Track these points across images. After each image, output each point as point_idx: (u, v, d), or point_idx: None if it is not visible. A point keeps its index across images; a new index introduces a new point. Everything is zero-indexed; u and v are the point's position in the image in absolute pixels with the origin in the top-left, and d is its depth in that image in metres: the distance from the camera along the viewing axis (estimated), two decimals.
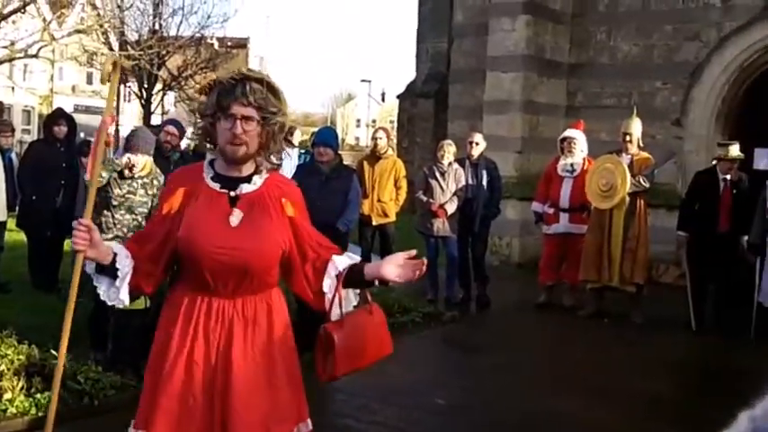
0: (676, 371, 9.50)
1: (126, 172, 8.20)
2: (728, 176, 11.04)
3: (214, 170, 3.71)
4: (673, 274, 14.23)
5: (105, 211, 8.21)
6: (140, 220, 8.30)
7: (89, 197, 3.82)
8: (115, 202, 8.19)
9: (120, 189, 8.18)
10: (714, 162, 11.41)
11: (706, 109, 15.48)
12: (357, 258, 3.85)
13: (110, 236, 8.23)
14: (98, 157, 3.96)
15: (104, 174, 8.13)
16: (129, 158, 8.14)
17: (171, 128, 9.71)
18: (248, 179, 3.69)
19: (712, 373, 9.53)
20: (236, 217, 3.61)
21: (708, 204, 11.06)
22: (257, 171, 3.70)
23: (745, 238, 10.71)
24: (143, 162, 8.23)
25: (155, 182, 8.33)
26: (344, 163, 10.11)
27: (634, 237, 11.39)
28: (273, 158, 3.71)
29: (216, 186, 3.66)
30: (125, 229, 8.26)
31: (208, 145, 3.77)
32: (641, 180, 11.31)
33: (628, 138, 11.58)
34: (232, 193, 3.65)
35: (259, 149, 3.63)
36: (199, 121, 3.78)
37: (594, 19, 16.83)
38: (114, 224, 8.23)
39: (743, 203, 10.89)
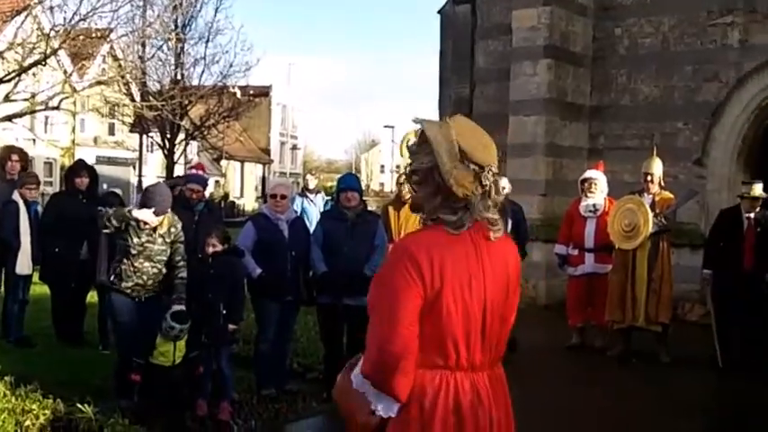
0: (704, 410, 9.42)
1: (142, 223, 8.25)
2: (752, 215, 11.03)
3: None
4: (698, 313, 14.16)
5: (125, 260, 8.27)
6: (160, 267, 8.37)
7: None
8: (134, 251, 8.25)
9: (139, 238, 8.23)
10: (738, 200, 11.38)
11: (727, 148, 15.46)
12: None
13: (130, 283, 8.30)
14: None
15: (115, 222, 8.20)
16: (144, 220, 8.21)
17: (194, 186, 9.77)
18: None
19: (740, 413, 9.47)
20: None
21: (732, 242, 11.05)
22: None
23: None
24: (161, 220, 8.29)
25: (172, 230, 8.40)
26: (369, 209, 10.12)
27: (658, 277, 11.34)
28: (445, 215, 3.33)
29: None
30: (145, 277, 8.32)
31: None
32: (662, 219, 11.27)
33: (649, 178, 11.57)
34: None
35: (424, 201, 3.40)
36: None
37: (615, 62, 16.86)
38: (134, 272, 8.29)
39: (766, 241, 10.83)
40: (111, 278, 8.45)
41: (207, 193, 11.24)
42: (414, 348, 3.15)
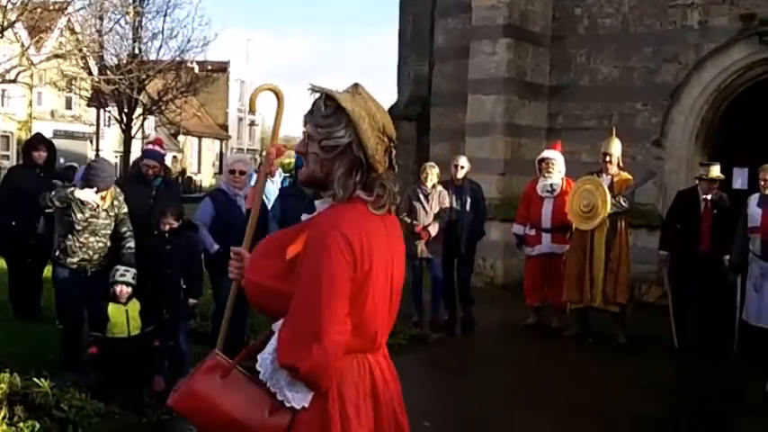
0: (660, 390, 9.50)
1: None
2: (710, 196, 11.08)
3: None
4: (655, 294, 14.26)
5: (69, 236, 8.40)
6: (105, 241, 8.50)
7: (249, 226, 3.60)
8: (78, 227, 8.39)
9: (83, 214, 8.36)
10: (696, 182, 11.46)
11: (685, 130, 15.55)
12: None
13: (75, 259, 8.38)
14: (260, 187, 3.79)
15: (57, 203, 8.28)
16: (83, 199, 8.28)
17: (151, 161, 9.60)
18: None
19: (696, 392, 9.56)
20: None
21: (689, 224, 11.11)
22: (327, 199, 3.27)
23: (727, 257, 10.74)
24: (104, 196, 8.37)
25: (115, 203, 8.56)
26: None
27: (616, 257, 11.41)
28: (338, 191, 3.18)
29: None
30: (90, 252, 8.46)
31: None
32: (621, 201, 11.33)
33: (608, 158, 11.63)
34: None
35: (329, 177, 3.21)
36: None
37: (574, 41, 16.90)
38: (80, 247, 8.40)
39: (724, 223, 10.92)
40: (57, 253, 8.52)
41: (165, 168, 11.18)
42: (349, 336, 3.08)
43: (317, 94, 3.23)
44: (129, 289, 7.92)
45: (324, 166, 3.20)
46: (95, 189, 8.33)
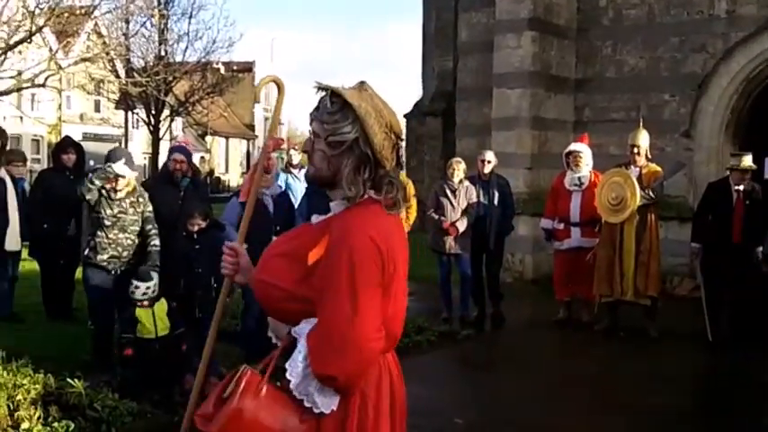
0: (693, 384, 9.46)
1: (112, 193, 8.47)
2: (741, 187, 10.95)
3: None
4: (687, 287, 14.19)
5: (99, 232, 8.50)
6: (134, 238, 8.61)
7: (244, 220, 3.56)
8: (108, 222, 8.49)
9: (112, 209, 8.47)
10: (727, 173, 11.36)
11: (715, 120, 15.46)
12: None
13: (105, 256, 8.47)
14: (257, 180, 3.71)
15: (97, 182, 8.36)
16: (120, 173, 8.39)
17: (178, 155, 9.62)
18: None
19: (730, 385, 9.47)
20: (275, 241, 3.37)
21: (721, 215, 11.00)
22: (342, 200, 3.20)
23: (760, 248, 10.64)
24: (129, 176, 8.48)
25: (140, 199, 8.65)
26: None
27: (646, 249, 11.33)
28: (348, 190, 3.14)
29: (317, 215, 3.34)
30: (120, 248, 8.56)
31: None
32: (650, 192, 11.26)
33: (635, 150, 11.53)
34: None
35: (337, 175, 3.17)
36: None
37: (599, 33, 16.83)
38: (109, 244, 8.50)
39: (756, 214, 10.82)
40: (86, 252, 8.61)
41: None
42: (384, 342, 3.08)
43: (323, 92, 3.20)
44: (151, 296, 7.99)
45: (331, 164, 3.16)
46: (123, 162, 8.46)
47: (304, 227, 3.29)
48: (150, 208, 8.76)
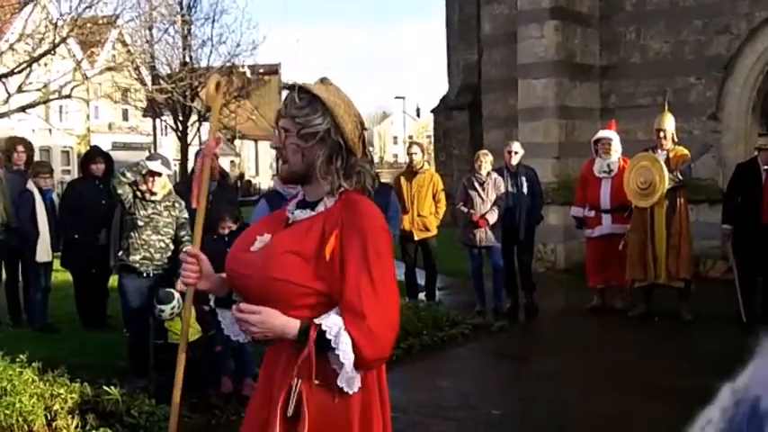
0: (729, 366, 9.36)
1: (147, 194, 8.56)
2: None
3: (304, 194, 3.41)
4: (720, 269, 14.11)
5: (132, 233, 8.56)
6: (167, 241, 8.64)
7: (196, 226, 3.61)
8: (141, 223, 8.55)
9: (146, 210, 8.53)
10: (755, 153, 11.29)
11: (741, 101, 15.36)
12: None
13: (138, 257, 8.53)
14: (204, 184, 3.61)
15: (130, 176, 8.44)
16: (154, 169, 8.48)
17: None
18: (315, 204, 3.29)
19: None
20: (260, 241, 3.29)
21: (751, 196, 10.92)
22: (332, 193, 3.26)
23: None
24: (164, 176, 8.54)
25: (176, 204, 8.72)
26: (381, 180, 10.11)
27: (676, 232, 11.28)
28: (345, 182, 3.23)
29: (291, 210, 3.38)
30: (152, 250, 8.60)
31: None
32: (678, 175, 11.19)
33: (662, 134, 11.50)
34: (290, 219, 3.34)
35: (310, 168, 3.24)
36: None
37: (622, 19, 16.76)
38: (141, 245, 8.55)
39: None
40: (120, 253, 8.69)
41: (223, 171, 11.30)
42: None
43: (287, 92, 3.30)
44: (178, 312, 8.04)
45: (304, 156, 3.23)
46: (159, 161, 8.56)
47: (301, 224, 3.27)
48: (186, 215, 8.76)
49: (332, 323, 3.04)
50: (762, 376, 0.64)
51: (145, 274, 8.62)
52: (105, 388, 7.23)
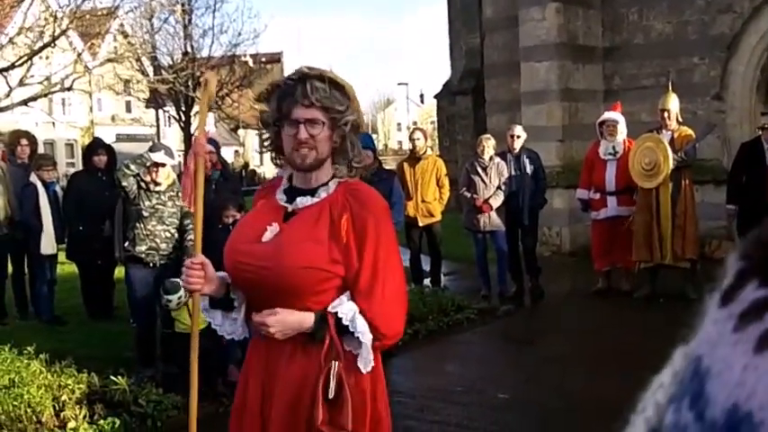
0: None
1: (152, 185, 8.59)
2: None
3: (290, 181, 3.41)
4: (726, 249, 14.05)
5: (137, 224, 8.59)
6: (172, 231, 8.66)
7: (195, 227, 3.55)
8: (146, 213, 8.58)
9: (150, 201, 8.56)
10: (759, 132, 11.26)
11: (745, 80, 15.31)
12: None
13: (143, 247, 8.55)
14: (199, 186, 3.50)
15: (134, 168, 8.45)
16: (158, 160, 8.49)
17: (208, 146, 9.69)
18: (314, 191, 3.31)
19: None
20: (270, 232, 3.26)
21: (755, 175, 10.91)
22: (332, 179, 3.32)
23: None
24: (168, 167, 8.55)
25: (180, 194, 8.71)
26: (385, 167, 10.13)
27: (681, 213, 11.26)
28: (354, 164, 3.36)
29: (282, 198, 3.38)
30: (158, 240, 8.62)
31: (277, 158, 3.46)
32: (682, 155, 11.16)
33: (666, 114, 11.48)
34: (290, 208, 3.33)
35: (333, 155, 3.30)
36: (264, 132, 3.46)
37: (624, 0, 16.69)
38: (147, 235, 8.57)
39: None
40: (126, 244, 8.71)
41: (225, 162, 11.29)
42: None
43: (315, 80, 3.23)
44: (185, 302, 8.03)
45: (330, 147, 3.29)
46: (163, 152, 8.56)
47: (308, 212, 3.29)
48: None
49: (347, 309, 3.14)
50: (705, 335, 0.63)
51: (151, 265, 8.64)
52: (113, 378, 7.26)
